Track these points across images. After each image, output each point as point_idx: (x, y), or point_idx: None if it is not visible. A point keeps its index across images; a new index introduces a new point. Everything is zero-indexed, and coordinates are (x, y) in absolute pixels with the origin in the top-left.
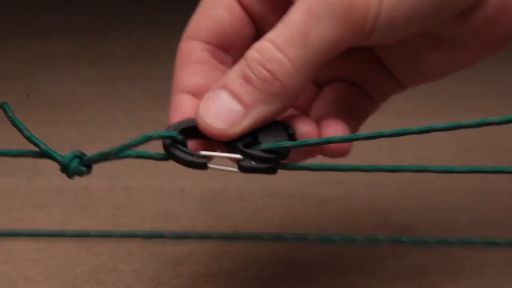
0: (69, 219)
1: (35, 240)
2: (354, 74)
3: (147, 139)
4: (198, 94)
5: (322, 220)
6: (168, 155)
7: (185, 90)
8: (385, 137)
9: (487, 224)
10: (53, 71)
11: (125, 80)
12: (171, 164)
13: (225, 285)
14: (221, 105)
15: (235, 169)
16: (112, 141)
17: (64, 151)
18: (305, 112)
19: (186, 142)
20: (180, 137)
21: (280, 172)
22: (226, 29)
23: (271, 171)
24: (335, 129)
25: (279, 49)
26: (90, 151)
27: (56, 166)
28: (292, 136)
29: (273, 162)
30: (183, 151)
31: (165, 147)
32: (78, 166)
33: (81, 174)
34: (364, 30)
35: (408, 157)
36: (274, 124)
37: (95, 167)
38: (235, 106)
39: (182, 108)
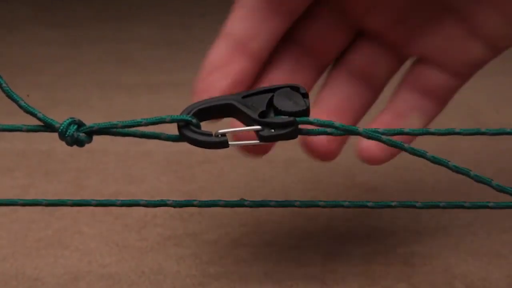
0: (32, 182)
1: None
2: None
3: (159, 121)
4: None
5: (288, 182)
6: (182, 138)
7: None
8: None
9: (453, 184)
10: (15, 34)
11: (88, 42)
12: None
13: (190, 248)
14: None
15: (257, 141)
16: (76, 104)
17: (28, 115)
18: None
19: (200, 125)
20: (194, 120)
21: None
22: None
23: (292, 135)
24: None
25: None
26: (55, 114)
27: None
28: (305, 95)
29: (292, 126)
30: (199, 133)
31: (179, 129)
32: (77, 132)
33: (81, 142)
34: None
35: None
36: (285, 88)
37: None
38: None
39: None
